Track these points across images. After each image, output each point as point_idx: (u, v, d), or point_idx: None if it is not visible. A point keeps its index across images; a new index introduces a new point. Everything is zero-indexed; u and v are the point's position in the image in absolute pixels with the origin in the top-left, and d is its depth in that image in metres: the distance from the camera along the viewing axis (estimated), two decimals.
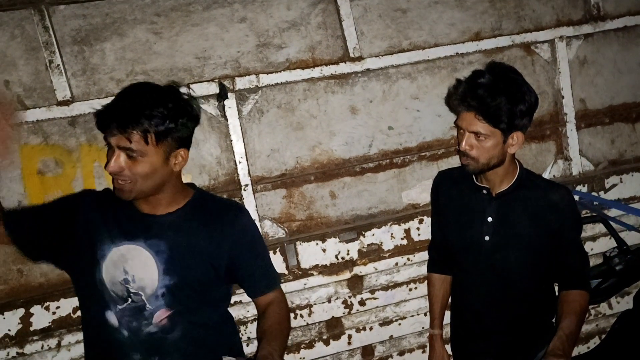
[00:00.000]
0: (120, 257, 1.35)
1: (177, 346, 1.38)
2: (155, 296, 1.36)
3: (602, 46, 2.16)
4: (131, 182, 1.30)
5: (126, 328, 1.36)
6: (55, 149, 1.80)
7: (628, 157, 2.23)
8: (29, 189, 1.79)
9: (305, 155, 1.99)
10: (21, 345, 1.76)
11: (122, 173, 1.28)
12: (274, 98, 1.94)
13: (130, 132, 1.25)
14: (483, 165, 1.56)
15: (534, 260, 1.63)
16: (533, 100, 1.52)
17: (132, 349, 1.37)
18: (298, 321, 1.96)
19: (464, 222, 1.68)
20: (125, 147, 1.26)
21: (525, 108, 1.50)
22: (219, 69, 1.89)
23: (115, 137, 1.27)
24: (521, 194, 1.61)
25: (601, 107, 2.19)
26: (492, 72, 1.51)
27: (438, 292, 1.82)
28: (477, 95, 1.48)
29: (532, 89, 1.54)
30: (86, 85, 1.81)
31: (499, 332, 1.69)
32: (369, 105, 2.02)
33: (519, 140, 1.55)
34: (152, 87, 1.35)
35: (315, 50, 1.96)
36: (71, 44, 1.79)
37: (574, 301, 1.58)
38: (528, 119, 1.54)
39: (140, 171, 1.29)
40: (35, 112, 1.76)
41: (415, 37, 2.03)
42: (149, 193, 1.35)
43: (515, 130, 1.52)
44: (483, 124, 1.49)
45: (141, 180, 1.30)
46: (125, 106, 1.28)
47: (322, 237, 1.96)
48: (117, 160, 1.28)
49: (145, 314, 1.36)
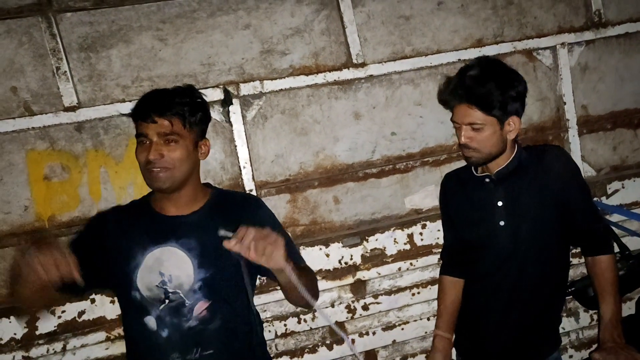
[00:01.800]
0: (155, 261, 1.42)
1: (217, 336, 1.45)
2: (192, 290, 1.43)
3: (604, 53, 2.17)
4: (170, 168, 1.40)
5: (167, 327, 1.42)
6: (61, 155, 1.82)
7: (630, 162, 2.24)
8: (35, 194, 1.80)
9: (309, 161, 2.00)
10: (27, 349, 1.77)
11: (161, 160, 1.38)
12: (277, 104, 1.96)
13: (170, 116, 1.39)
14: (487, 155, 1.59)
15: (549, 238, 1.64)
16: (522, 87, 1.58)
17: (171, 348, 1.42)
18: (302, 326, 1.96)
19: (477, 216, 1.69)
20: (165, 133, 1.38)
21: (515, 93, 1.55)
22: (223, 75, 1.91)
23: (154, 125, 1.38)
24: (523, 170, 1.63)
25: (603, 113, 2.21)
26: (479, 64, 1.58)
27: (449, 294, 1.80)
28: (467, 85, 1.53)
29: (521, 77, 1.60)
30: (92, 92, 1.83)
31: (512, 328, 1.69)
32: (372, 111, 2.03)
33: (516, 125, 1.58)
34: (174, 88, 1.51)
35: (318, 57, 1.98)
36: (78, 50, 1.81)
37: (603, 276, 1.64)
38: (520, 104, 1.58)
39: (178, 156, 1.39)
40: (42, 118, 1.78)
41: (418, 44, 2.04)
42: (181, 182, 1.43)
43: (510, 115, 1.55)
44: (476, 112, 1.52)
45: (178, 165, 1.40)
46: (162, 96, 1.44)
47: (325, 242, 1.97)
48: (157, 147, 1.38)
49: (185, 310, 1.43)
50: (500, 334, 1.71)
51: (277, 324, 1.94)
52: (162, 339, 1.42)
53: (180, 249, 1.44)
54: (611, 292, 1.62)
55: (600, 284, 1.65)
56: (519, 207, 1.63)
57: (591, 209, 1.71)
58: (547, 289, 1.69)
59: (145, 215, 1.47)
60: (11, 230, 1.80)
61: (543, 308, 1.69)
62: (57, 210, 1.83)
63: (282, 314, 1.94)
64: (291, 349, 1.97)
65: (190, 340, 1.43)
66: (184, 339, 1.43)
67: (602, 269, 1.65)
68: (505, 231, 1.64)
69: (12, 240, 1.80)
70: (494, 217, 1.65)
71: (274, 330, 1.94)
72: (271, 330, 1.94)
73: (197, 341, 1.43)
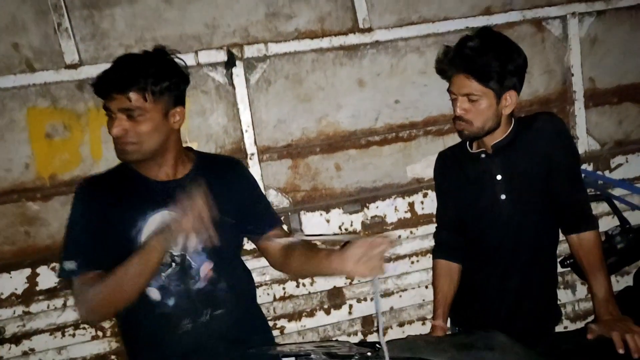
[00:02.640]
0: (157, 225, 1.38)
1: (225, 295, 1.45)
2: (197, 252, 1.42)
3: (614, 25, 2.14)
4: (136, 143, 1.34)
5: (172, 295, 1.40)
6: (63, 113, 1.81)
7: (634, 137, 2.22)
8: (37, 152, 1.80)
9: (312, 127, 1.99)
10: (27, 304, 1.79)
11: (126, 135, 1.33)
12: (282, 68, 1.94)
13: (128, 92, 1.31)
14: (478, 129, 1.56)
15: (543, 207, 1.63)
16: (521, 61, 1.54)
17: (180, 316, 1.40)
18: (300, 290, 1.98)
19: (477, 193, 1.68)
20: (125, 108, 1.32)
21: (514, 67, 1.52)
22: (227, 38, 1.89)
23: (115, 101, 1.32)
24: (518, 141, 1.61)
25: (610, 87, 2.18)
26: (479, 36, 1.55)
27: (446, 281, 1.75)
28: (465, 55, 1.51)
29: (522, 51, 1.56)
30: (95, 50, 1.81)
31: (510, 296, 1.70)
32: (376, 78, 2.01)
33: (513, 100, 1.55)
34: (140, 54, 1.43)
35: (324, 21, 1.95)
36: (80, 7, 1.79)
37: (591, 253, 1.62)
38: (518, 78, 1.55)
39: (143, 130, 1.34)
40: (44, 74, 1.76)
41: (425, 11, 2.01)
42: (156, 153, 1.38)
43: (507, 90, 1.53)
44: (474, 83, 1.50)
45: (146, 138, 1.35)
46: (120, 70, 1.35)
47: (326, 208, 1.98)
48: (120, 123, 1.33)
49: (192, 272, 1.42)
50: (499, 302, 1.72)
51: (276, 287, 1.96)
52: (168, 308, 1.39)
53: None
54: (601, 268, 1.60)
55: (590, 261, 1.62)
56: (518, 178, 1.62)
57: (575, 176, 1.67)
58: (542, 257, 1.70)
59: (136, 182, 1.42)
60: (12, 187, 1.81)
61: (539, 276, 1.70)
62: (59, 168, 1.83)
63: (282, 277, 1.95)
64: (289, 312, 1.99)
65: (201, 302, 1.42)
66: (193, 302, 1.42)
67: (590, 246, 1.62)
68: (507, 204, 1.64)
69: (13, 196, 1.81)
70: (495, 192, 1.64)
71: (273, 293, 1.96)
72: (270, 293, 1.96)
73: (208, 302, 1.43)
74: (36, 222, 1.83)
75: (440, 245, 1.82)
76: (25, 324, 1.80)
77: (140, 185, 1.42)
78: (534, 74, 2.11)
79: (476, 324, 1.77)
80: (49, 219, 1.84)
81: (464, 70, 1.52)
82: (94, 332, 1.85)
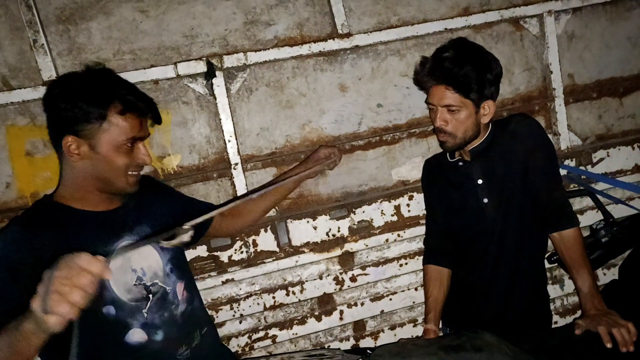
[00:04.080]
0: (123, 261, 1.30)
1: (201, 313, 1.45)
2: (167, 275, 1.38)
3: (591, 20, 2.16)
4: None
5: (159, 327, 1.32)
6: (43, 130, 1.77)
7: (615, 131, 2.25)
8: (17, 170, 1.78)
9: (295, 134, 1.99)
10: None
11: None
12: (262, 76, 1.93)
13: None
14: (460, 140, 1.59)
15: (524, 206, 1.65)
16: (498, 69, 1.58)
17: (174, 346, 1.33)
18: (290, 298, 1.98)
19: (461, 199, 1.71)
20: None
21: (492, 77, 1.55)
22: (206, 47, 1.88)
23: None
24: (495, 145, 1.64)
25: (589, 82, 2.20)
26: (455, 46, 1.57)
27: (436, 286, 1.78)
28: (444, 67, 1.52)
29: (497, 59, 1.59)
30: (72, 65, 1.79)
31: (500, 297, 1.72)
32: (358, 82, 2.01)
33: (491, 110, 1.58)
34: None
35: (303, 27, 1.95)
36: (56, 23, 1.77)
37: (573, 250, 1.63)
38: (495, 87, 1.59)
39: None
40: (21, 92, 1.74)
41: (404, 13, 2.02)
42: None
43: (486, 99, 1.56)
44: (454, 94, 1.52)
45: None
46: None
47: (312, 215, 1.98)
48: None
49: (170, 297, 1.37)
50: (489, 304, 1.75)
51: (266, 297, 1.95)
52: (158, 344, 1.30)
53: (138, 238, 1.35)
54: (584, 264, 1.62)
55: (572, 257, 1.63)
56: (498, 181, 1.64)
57: (552, 175, 1.68)
58: (528, 258, 1.72)
59: (78, 218, 1.28)
60: None
61: (526, 278, 1.72)
62: (41, 186, 1.80)
63: (271, 286, 1.95)
64: (280, 320, 1.99)
65: (188, 324, 1.38)
66: (182, 327, 1.36)
67: (571, 243, 1.64)
68: (490, 207, 1.67)
69: None
70: (477, 196, 1.67)
71: (263, 302, 1.96)
72: (260, 302, 1.95)
73: (194, 323, 1.40)
74: None
75: (429, 251, 1.85)
76: None
77: (87, 221, 1.30)
78: (515, 72, 2.13)
79: (467, 324, 1.79)
80: None
81: (444, 82, 1.53)
82: None
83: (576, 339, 1.49)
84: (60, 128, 1.28)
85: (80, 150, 1.27)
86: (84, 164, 1.29)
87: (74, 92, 1.27)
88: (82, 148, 1.27)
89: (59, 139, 1.28)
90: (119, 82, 1.35)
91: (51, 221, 1.26)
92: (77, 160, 1.28)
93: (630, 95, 2.25)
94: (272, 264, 1.94)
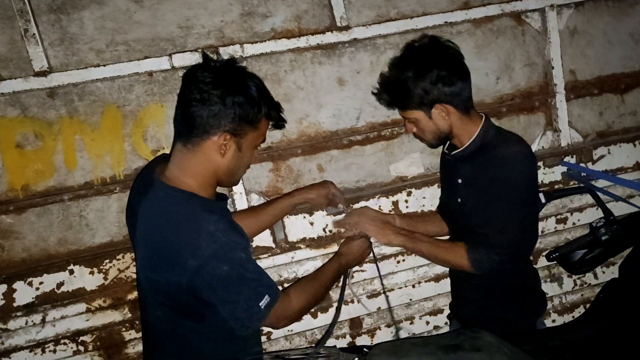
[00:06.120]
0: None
1: None
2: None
3: (593, 16, 2.13)
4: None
5: None
6: (34, 122, 1.75)
7: (616, 128, 2.23)
8: (8, 163, 1.74)
9: (292, 128, 1.96)
10: (5, 321, 1.74)
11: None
12: (259, 69, 1.89)
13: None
14: (435, 140, 1.65)
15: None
16: (442, 71, 1.53)
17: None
18: None
19: (446, 189, 1.83)
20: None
21: (430, 82, 1.53)
22: (202, 39, 1.84)
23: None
24: (484, 153, 1.61)
25: (590, 78, 2.18)
26: (391, 66, 1.68)
27: (430, 217, 1.94)
28: (386, 91, 1.65)
29: (443, 60, 1.55)
30: (64, 56, 1.75)
31: (470, 299, 1.77)
32: (356, 76, 1.98)
33: (448, 110, 1.57)
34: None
35: (301, 20, 1.91)
36: (47, 12, 1.72)
37: (449, 243, 1.70)
38: (441, 88, 1.54)
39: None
40: (12, 83, 1.70)
41: (404, 6, 1.98)
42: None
43: (433, 104, 1.56)
44: (402, 111, 1.65)
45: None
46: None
47: (309, 211, 1.95)
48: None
49: None
50: (466, 296, 1.80)
51: None
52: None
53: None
54: (429, 241, 1.67)
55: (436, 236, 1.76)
56: (474, 188, 1.65)
57: (497, 213, 1.55)
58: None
59: (209, 206, 1.39)
60: None
61: (502, 279, 1.67)
62: (32, 179, 1.77)
63: None
64: None
65: None
66: None
67: (452, 243, 1.66)
68: (461, 208, 1.69)
69: None
70: (454, 192, 1.71)
71: None
72: None
73: None
74: (10, 236, 1.77)
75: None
76: (3, 342, 1.75)
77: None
78: (515, 68, 2.10)
79: (459, 315, 1.86)
80: (23, 231, 1.78)
81: (389, 106, 1.69)
82: (75, 347, 1.81)
83: (576, 340, 1.47)
84: (212, 124, 1.31)
85: (229, 147, 1.33)
86: (224, 160, 1.35)
87: (230, 90, 1.31)
88: (231, 145, 1.34)
89: (204, 134, 1.31)
90: (262, 84, 1.42)
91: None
92: (221, 156, 1.34)
93: (632, 92, 2.23)
94: (268, 260, 1.91)
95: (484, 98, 2.08)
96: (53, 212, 1.78)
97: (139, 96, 1.80)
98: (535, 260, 2.16)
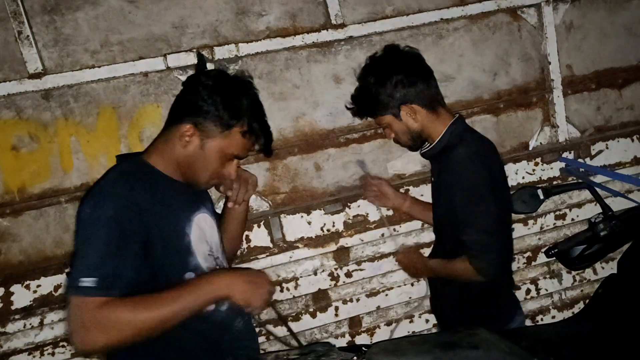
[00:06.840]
0: (199, 230, 1.40)
1: None
2: (222, 252, 1.49)
3: (589, 10, 2.12)
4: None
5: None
6: (29, 124, 1.74)
7: (614, 123, 2.22)
8: (3, 165, 1.73)
9: (289, 127, 1.95)
10: (3, 325, 1.73)
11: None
12: (255, 68, 1.88)
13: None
14: (408, 141, 1.69)
15: (455, 226, 1.62)
16: (401, 75, 1.59)
17: (232, 317, 1.41)
18: (285, 294, 1.94)
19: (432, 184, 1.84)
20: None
21: (392, 87, 1.59)
22: (197, 39, 1.83)
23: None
24: (447, 154, 1.62)
25: (587, 73, 2.17)
26: (361, 74, 1.70)
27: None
28: (355, 102, 1.72)
29: (403, 63, 1.62)
30: (59, 57, 1.74)
31: (441, 296, 1.84)
32: (352, 74, 1.96)
33: (412, 110, 1.62)
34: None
35: (296, 18, 1.90)
36: (41, 13, 1.72)
37: (451, 262, 1.65)
38: (405, 91, 1.59)
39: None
40: (6, 85, 1.69)
41: (399, 3, 1.97)
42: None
43: (398, 106, 1.61)
44: (375, 118, 1.70)
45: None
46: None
47: (307, 210, 1.94)
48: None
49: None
50: (437, 297, 1.87)
51: None
52: (222, 314, 1.37)
53: (209, 214, 1.47)
54: (445, 267, 1.68)
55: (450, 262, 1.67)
56: (440, 189, 1.70)
57: (466, 214, 1.57)
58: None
59: (169, 184, 1.36)
60: None
61: (461, 285, 1.67)
62: (28, 181, 1.76)
63: None
64: (275, 317, 1.95)
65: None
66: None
67: (457, 260, 1.62)
68: (435, 206, 1.76)
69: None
70: (433, 190, 1.79)
71: None
72: None
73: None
74: (7, 239, 1.76)
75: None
76: (2, 345, 1.74)
77: (177, 186, 1.38)
78: (512, 63, 2.09)
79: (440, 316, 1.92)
80: (20, 234, 1.77)
81: (363, 114, 1.77)
82: (74, 350, 1.80)
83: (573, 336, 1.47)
84: (187, 112, 1.36)
85: (191, 140, 1.34)
86: (184, 150, 1.35)
87: (218, 91, 1.35)
88: (194, 140, 1.35)
89: (178, 120, 1.36)
90: (257, 103, 1.45)
91: (147, 181, 1.32)
92: (182, 146, 1.35)
93: (629, 87, 2.22)
94: (266, 259, 1.91)
95: (481, 94, 2.07)
96: (50, 214, 1.78)
97: (134, 97, 1.80)
98: (535, 256, 2.15)
